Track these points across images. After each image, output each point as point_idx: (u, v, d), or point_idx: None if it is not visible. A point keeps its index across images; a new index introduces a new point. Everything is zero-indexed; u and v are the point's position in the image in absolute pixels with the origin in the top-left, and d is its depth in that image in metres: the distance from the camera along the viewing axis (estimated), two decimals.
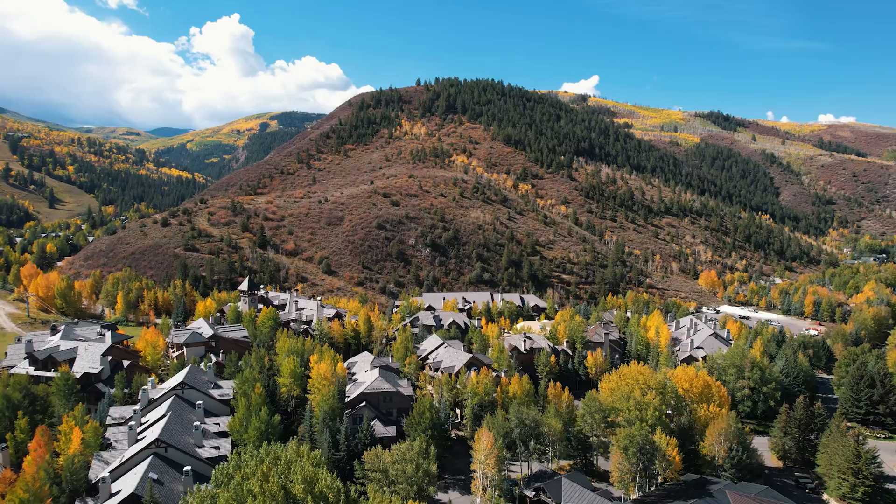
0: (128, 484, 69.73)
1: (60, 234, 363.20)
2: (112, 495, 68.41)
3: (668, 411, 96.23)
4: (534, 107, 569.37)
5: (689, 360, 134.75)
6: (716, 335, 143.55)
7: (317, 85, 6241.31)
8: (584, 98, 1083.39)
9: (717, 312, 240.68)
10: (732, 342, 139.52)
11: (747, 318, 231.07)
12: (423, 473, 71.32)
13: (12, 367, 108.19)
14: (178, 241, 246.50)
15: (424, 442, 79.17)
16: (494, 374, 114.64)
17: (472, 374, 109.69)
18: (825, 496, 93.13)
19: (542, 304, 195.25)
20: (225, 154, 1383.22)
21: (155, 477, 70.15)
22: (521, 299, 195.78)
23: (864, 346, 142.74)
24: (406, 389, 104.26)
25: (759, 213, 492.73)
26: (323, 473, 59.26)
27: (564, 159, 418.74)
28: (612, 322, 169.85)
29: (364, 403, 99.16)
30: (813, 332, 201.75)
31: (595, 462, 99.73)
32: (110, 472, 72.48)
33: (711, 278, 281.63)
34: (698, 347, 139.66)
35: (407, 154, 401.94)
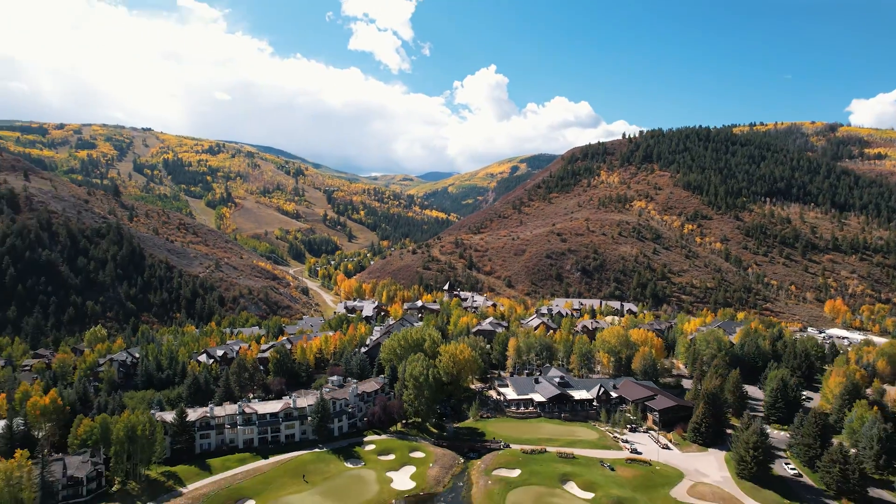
0: (375, 339, 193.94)
1: (354, 259, 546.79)
2: (372, 342, 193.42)
3: (620, 348, 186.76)
4: (736, 150, 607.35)
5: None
6: (720, 327, 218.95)
7: (567, 124, 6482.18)
8: (832, 128, 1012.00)
9: (821, 332, 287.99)
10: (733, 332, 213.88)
11: (845, 338, 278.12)
12: (479, 350, 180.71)
13: (338, 312, 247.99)
14: (419, 263, 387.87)
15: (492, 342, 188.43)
16: (551, 330, 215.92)
17: (539, 328, 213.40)
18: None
19: (634, 308, 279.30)
20: (478, 196, 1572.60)
21: (384, 341, 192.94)
22: (621, 305, 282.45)
23: (810, 335, 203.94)
24: (499, 330, 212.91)
25: None
26: (437, 333, 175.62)
27: (741, 201, 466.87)
28: (670, 321, 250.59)
29: (479, 335, 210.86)
30: None
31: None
32: (372, 339, 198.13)
33: (837, 306, 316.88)
34: None
35: (596, 201, 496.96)
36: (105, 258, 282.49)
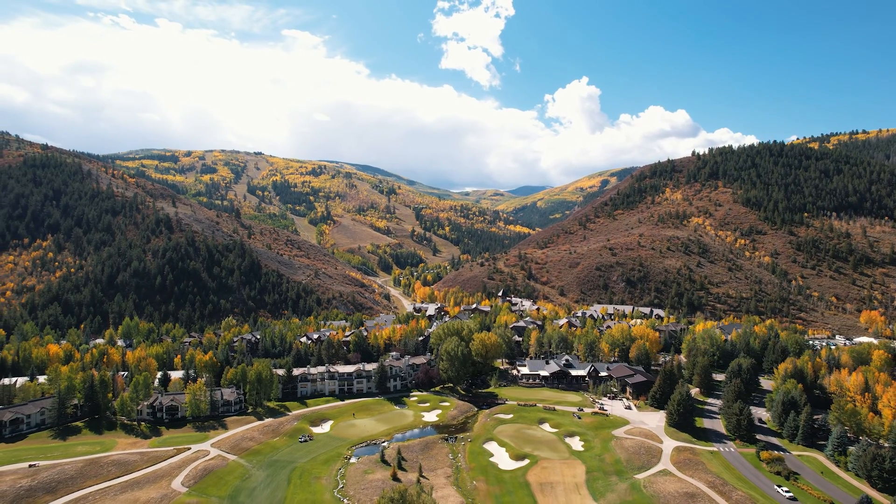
0: (430, 331, 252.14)
1: (434, 271, 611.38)
2: (428, 333, 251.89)
3: (623, 341, 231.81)
4: (809, 164, 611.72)
5: None
6: (719, 328, 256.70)
7: (663, 134, 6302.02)
8: None
9: (848, 340, 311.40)
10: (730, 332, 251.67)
11: (864, 343, 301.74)
12: (506, 339, 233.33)
13: (408, 312, 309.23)
14: (485, 274, 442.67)
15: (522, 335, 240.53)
16: (573, 327, 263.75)
17: (563, 326, 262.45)
18: (689, 387, 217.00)
19: (661, 313, 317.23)
20: (566, 210, 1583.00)
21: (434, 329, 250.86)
22: (651, 311, 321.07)
23: (793, 336, 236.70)
24: (531, 327, 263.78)
25: None
26: (473, 324, 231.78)
27: (801, 216, 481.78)
28: (685, 325, 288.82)
29: (514, 330, 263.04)
30: None
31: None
32: (429, 331, 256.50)
33: (872, 317, 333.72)
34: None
35: (656, 217, 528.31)
36: (232, 268, 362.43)
